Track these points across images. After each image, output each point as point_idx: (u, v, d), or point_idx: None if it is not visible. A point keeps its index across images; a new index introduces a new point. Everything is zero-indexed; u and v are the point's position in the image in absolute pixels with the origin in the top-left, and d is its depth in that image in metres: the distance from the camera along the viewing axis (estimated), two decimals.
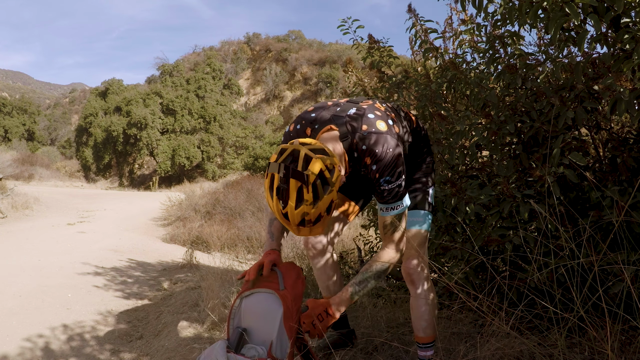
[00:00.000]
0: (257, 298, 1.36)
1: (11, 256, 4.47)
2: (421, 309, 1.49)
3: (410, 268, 1.49)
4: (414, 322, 1.52)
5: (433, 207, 1.58)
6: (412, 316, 1.52)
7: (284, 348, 1.31)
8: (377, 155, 1.28)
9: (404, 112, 1.54)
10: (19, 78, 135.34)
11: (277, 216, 1.20)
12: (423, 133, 1.60)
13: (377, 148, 1.28)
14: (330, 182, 1.15)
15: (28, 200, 8.87)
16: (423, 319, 1.49)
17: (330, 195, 1.16)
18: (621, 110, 1.41)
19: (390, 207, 1.36)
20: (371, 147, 1.29)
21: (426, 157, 1.60)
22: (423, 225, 1.51)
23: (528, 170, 1.76)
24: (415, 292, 1.50)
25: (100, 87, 28.46)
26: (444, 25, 2.54)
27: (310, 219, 1.16)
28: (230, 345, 1.30)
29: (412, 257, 1.49)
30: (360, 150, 1.31)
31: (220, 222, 6.83)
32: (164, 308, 3.03)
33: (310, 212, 1.14)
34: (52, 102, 54.77)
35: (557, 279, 1.48)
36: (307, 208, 1.13)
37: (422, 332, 1.50)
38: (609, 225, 1.52)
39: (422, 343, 1.51)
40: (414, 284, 1.50)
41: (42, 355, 2.26)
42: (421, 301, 1.49)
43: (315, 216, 1.16)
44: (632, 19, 1.43)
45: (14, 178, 15.99)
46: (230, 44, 38.54)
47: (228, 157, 25.24)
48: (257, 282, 1.38)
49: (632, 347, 1.35)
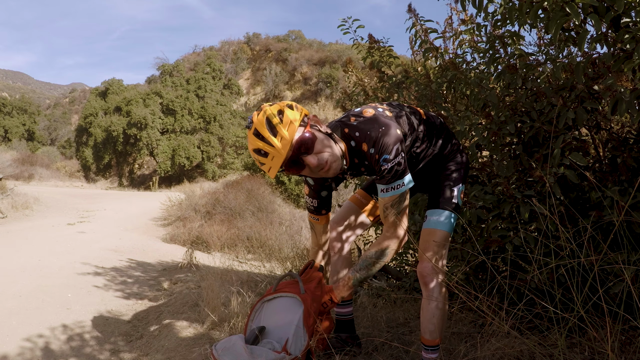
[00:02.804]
0: (279, 301, 1.49)
1: (11, 256, 4.47)
2: (431, 312, 1.47)
3: (425, 270, 1.45)
4: (422, 323, 1.50)
5: (459, 207, 1.51)
6: (422, 317, 1.50)
7: (299, 346, 1.38)
8: (372, 138, 1.33)
9: (409, 107, 1.55)
10: (19, 78, 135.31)
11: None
12: (439, 122, 1.57)
13: (370, 131, 1.34)
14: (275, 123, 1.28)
15: (28, 200, 8.87)
16: (432, 322, 1.47)
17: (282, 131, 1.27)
18: (622, 111, 1.41)
19: (390, 186, 1.36)
20: (363, 131, 1.35)
21: (455, 149, 1.55)
22: (445, 226, 1.46)
23: (528, 171, 1.76)
24: (428, 294, 1.46)
25: (100, 87, 28.46)
26: (444, 25, 2.54)
27: (276, 119, 1.27)
28: (247, 341, 1.39)
29: (428, 260, 1.45)
30: (355, 138, 1.38)
31: (220, 222, 6.83)
32: (164, 308, 3.03)
33: (269, 113, 1.29)
34: (52, 102, 54.77)
35: (557, 279, 1.48)
36: (268, 110, 1.30)
37: (429, 335, 1.48)
38: (609, 225, 1.52)
39: (428, 345, 1.49)
40: (427, 286, 1.46)
41: (42, 355, 2.26)
42: (433, 304, 1.46)
43: (277, 119, 1.27)
44: (632, 19, 1.42)
45: (14, 178, 15.99)
46: (230, 44, 38.56)
47: (228, 157, 25.23)
48: (279, 288, 1.51)
49: (632, 347, 1.35)
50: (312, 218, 1.71)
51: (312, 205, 1.67)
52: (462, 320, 1.94)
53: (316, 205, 1.66)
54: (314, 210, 1.68)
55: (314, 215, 1.70)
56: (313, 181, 1.61)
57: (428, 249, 1.45)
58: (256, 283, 3.18)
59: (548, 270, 1.47)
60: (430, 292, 1.45)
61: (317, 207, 1.66)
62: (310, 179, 1.61)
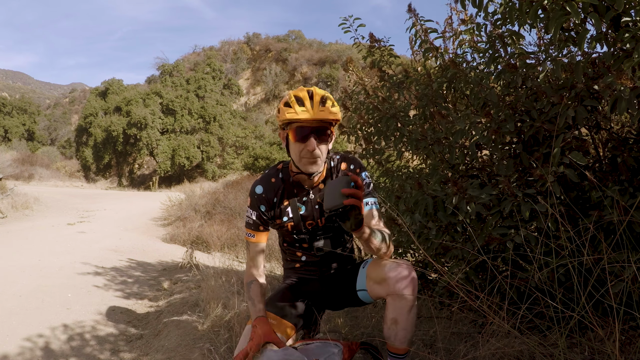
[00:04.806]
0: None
1: (11, 256, 4.47)
2: (414, 319, 1.43)
3: (414, 277, 1.41)
4: (404, 333, 1.42)
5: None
6: (402, 326, 1.41)
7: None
8: (351, 159, 1.59)
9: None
10: (19, 78, 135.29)
11: (298, 98, 1.42)
12: None
13: (348, 155, 1.61)
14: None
15: (28, 200, 8.87)
16: (412, 329, 1.44)
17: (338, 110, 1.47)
18: (621, 109, 1.41)
19: (375, 200, 1.54)
20: (343, 155, 1.61)
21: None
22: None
23: (528, 170, 1.76)
24: (414, 302, 1.41)
25: (100, 87, 28.48)
26: (444, 25, 2.54)
27: (330, 102, 1.43)
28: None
29: (407, 266, 1.43)
30: (335, 159, 1.59)
31: (220, 222, 6.83)
32: (164, 308, 3.03)
33: (330, 96, 1.44)
34: (52, 102, 54.79)
35: (557, 278, 1.47)
36: (330, 95, 1.45)
37: (407, 343, 1.44)
38: (609, 225, 1.52)
39: (404, 353, 1.45)
40: (414, 292, 1.40)
41: (42, 355, 2.26)
42: (414, 310, 1.43)
43: (332, 102, 1.44)
44: (632, 18, 1.42)
45: (14, 178, 15.99)
46: (230, 44, 38.56)
47: (228, 157, 25.25)
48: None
49: (632, 347, 1.35)
50: (248, 235, 1.57)
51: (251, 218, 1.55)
52: (462, 320, 1.94)
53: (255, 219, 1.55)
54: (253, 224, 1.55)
55: (250, 231, 1.56)
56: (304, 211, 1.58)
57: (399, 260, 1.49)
58: None
59: (548, 269, 1.47)
60: (414, 298, 1.42)
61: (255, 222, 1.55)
62: (301, 211, 1.56)
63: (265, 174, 1.58)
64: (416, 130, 2.24)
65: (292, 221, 1.55)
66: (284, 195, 1.55)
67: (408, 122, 2.32)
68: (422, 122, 2.34)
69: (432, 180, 2.14)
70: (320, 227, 1.58)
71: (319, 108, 1.40)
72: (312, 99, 1.41)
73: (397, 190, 2.36)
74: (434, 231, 2.00)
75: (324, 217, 1.56)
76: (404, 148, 2.40)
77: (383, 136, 2.43)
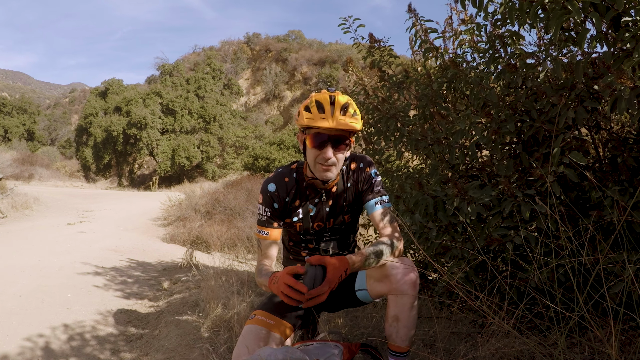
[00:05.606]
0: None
1: (11, 256, 4.46)
2: (415, 317, 1.44)
3: (415, 274, 1.41)
4: (405, 330, 1.43)
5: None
6: (403, 324, 1.42)
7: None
8: (360, 157, 1.58)
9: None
10: (19, 78, 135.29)
11: (319, 103, 1.40)
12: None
13: (357, 154, 1.61)
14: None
15: (28, 200, 8.87)
16: (414, 327, 1.45)
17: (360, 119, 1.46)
18: (621, 108, 1.41)
19: (383, 199, 1.53)
20: (352, 154, 1.59)
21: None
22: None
23: (528, 170, 1.76)
24: (415, 299, 1.41)
25: (100, 87, 28.48)
26: (444, 25, 2.54)
27: (352, 109, 1.42)
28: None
29: (409, 264, 1.43)
30: (345, 162, 1.57)
31: (220, 222, 6.83)
32: (164, 308, 3.03)
33: (352, 104, 1.43)
34: (52, 102, 54.80)
35: (557, 278, 1.47)
36: (352, 102, 1.43)
37: (409, 341, 1.45)
38: (609, 225, 1.52)
39: (405, 352, 1.45)
40: (415, 289, 1.41)
41: (42, 355, 2.26)
42: (416, 308, 1.43)
43: (354, 110, 1.42)
44: (632, 18, 1.42)
45: (14, 178, 16.00)
46: (230, 44, 38.56)
47: (228, 157, 25.24)
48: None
49: (632, 347, 1.35)
50: (261, 233, 1.56)
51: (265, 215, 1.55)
52: (462, 320, 1.94)
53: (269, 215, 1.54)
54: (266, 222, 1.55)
55: (263, 229, 1.55)
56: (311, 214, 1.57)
57: (407, 260, 1.46)
58: (256, 283, 3.18)
59: (548, 269, 1.47)
60: (416, 297, 1.43)
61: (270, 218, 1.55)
62: (310, 213, 1.57)
63: (278, 172, 1.58)
64: (416, 131, 2.24)
65: (301, 222, 1.56)
66: (297, 196, 1.55)
67: (408, 122, 2.32)
68: (422, 122, 2.35)
69: (432, 181, 2.14)
70: (327, 229, 1.59)
71: (339, 117, 1.38)
72: (334, 105, 1.39)
73: (397, 190, 2.36)
74: (434, 231, 2.00)
75: (332, 219, 1.57)
76: (403, 148, 2.40)
77: (383, 136, 2.43)
